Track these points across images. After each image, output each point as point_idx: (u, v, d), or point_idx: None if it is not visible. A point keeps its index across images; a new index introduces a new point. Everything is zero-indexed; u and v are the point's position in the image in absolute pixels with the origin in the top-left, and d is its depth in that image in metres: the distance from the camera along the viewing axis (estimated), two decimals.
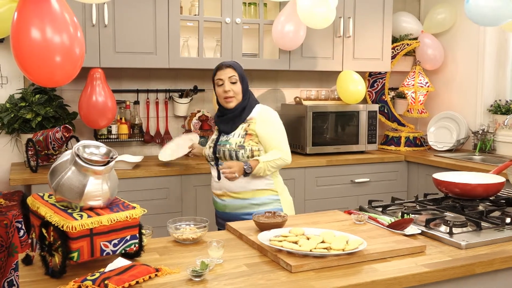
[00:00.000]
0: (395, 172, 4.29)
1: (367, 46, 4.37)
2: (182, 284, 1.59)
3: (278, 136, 2.75)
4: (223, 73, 2.74)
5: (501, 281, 1.89)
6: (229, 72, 2.74)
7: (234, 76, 2.74)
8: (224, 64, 2.78)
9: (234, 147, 2.70)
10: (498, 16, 3.23)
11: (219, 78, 2.75)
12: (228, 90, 2.72)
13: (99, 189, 1.68)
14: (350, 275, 1.66)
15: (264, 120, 2.74)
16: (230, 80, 2.73)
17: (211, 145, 2.81)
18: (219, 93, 2.76)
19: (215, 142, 2.80)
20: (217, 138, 2.80)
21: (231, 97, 2.73)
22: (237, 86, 2.74)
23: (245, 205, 2.72)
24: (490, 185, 2.45)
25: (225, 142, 2.74)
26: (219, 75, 2.76)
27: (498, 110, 4.37)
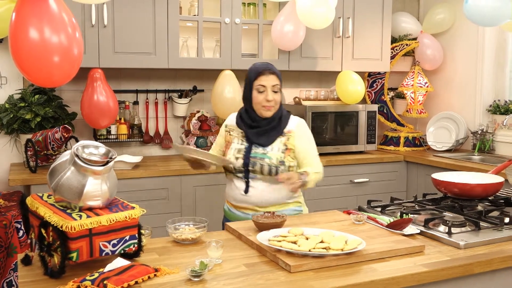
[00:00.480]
0: (394, 172, 4.29)
1: (366, 46, 4.37)
2: (181, 284, 1.59)
3: (315, 152, 2.61)
4: (266, 79, 2.50)
5: (499, 281, 1.89)
6: (273, 80, 2.52)
7: (277, 85, 2.53)
8: (268, 69, 2.53)
9: (275, 163, 2.48)
10: (497, 16, 3.23)
11: (262, 84, 2.50)
12: (271, 100, 2.49)
13: (98, 189, 1.68)
14: (349, 275, 1.67)
15: (302, 135, 2.58)
16: (273, 88, 2.51)
17: (238, 156, 2.53)
18: (259, 100, 2.50)
19: (246, 153, 2.53)
20: (248, 149, 2.54)
21: (272, 106, 2.51)
22: (278, 96, 2.53)
23: None
24: (489, 185, 2.45)
25: (263, 156, 2.49)
26: (261, 80, 2.51)
27: (497, 110, 4.37)
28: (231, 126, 2.66)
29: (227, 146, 2.63)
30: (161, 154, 4.17)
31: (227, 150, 2.60)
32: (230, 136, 2.64)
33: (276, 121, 2.55)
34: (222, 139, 2.70)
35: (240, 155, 2.54)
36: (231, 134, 2.64)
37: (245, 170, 2.52)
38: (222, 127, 2.73)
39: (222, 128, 2.72)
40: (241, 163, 2.52)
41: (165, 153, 4.19)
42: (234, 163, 2.53)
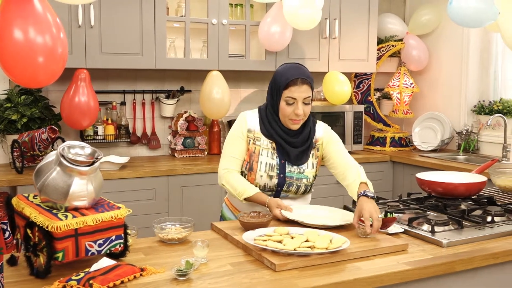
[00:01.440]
0: (380, 172, 4.33)
1: (352, 47, 4.40)
2: (167, 283, 1.60)
3: (346, 153, 2.44)
4: (298, 90, 2.24)
5: (480, 279, 1.92)
6: (305, 91, 2.25)
7: (309, 97, 2.27)
8: (301, 78, 2.24)
9: (311, 181, 2.39)
10: (481, 18, 3.27)
11: (292, 96, 2.24)
12: (301, 114, 2.26)
13: (84, 189, 1.69)
14: (333, 273, 1.69)
15: (330, 141, 2.42)
16: (305, 101, 2.26)
17: (272, 174, 2.31)
18: (286, 112, 2.26)
19: (280, 172, 2.32)
20: (283, 167, 2.33)
21: (300, 120, 2.29)
22: (308, 108, 2.30)
23: None
24: (472, 184, 2.48)
25: (300, 176, 2.34)
26: (292, 91, 2.24)
27: (481, 110, 4.43)
28: (256, 133, 2.35)
29: (251, 157, 2.34)
30: (149, 155, 4.17)
31: (255, 165, 2.32)
32: (255, 146, 2.34)
33: (306, 135, 2.35)
34: (243, 146, 2.35)
35: (273, 173, 2.31)
36: (256, 143, 2.34)
37: (278, 190, 2.34)
38: (241, 129, 2.36)
39: (242, 130, 2.36)
40: (275, 183, 2.32)
41: (153, 154, 4.19)
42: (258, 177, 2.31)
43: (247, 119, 2.38)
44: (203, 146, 4.13)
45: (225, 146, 2.41)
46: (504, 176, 2.78)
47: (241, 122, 2.38)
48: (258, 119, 2.37)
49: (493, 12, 3.23)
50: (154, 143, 4.15)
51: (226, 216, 2.53)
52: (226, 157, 2.37)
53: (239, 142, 2.35)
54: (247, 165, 2.34)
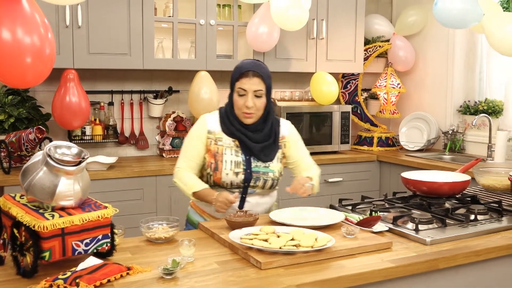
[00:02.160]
0: (367, 172, 4.37)
1: (340, 48, 4.44)
2: (153, 282, 1.61)
3: (307, 153, 2.56)
4: (248, 82, 2.28)
5: (463, 276, 1.95)
6: (256, 84, 2.29)
7: (260, 90, 2.30)
8: (252, 70, 2.29)
9: (277, 176, 2.43)
10: (465, 19, 3.32)
11: (242, 87, 2.30)
12: (251, 106, 2.30)
13: (71, 189, 1.70)
14: (318, 271, 1.71)
15: (296, 141, 2.50)
16: (256, 93, 2.30)
17: (238, 171, 2.34)
18: (238, 104, 2.32)
19: (247, 167, 2.35)
20: (248, 162, 2.36)
21: (252, 113, 2.32)
22: (260, 102, 2.32)
23: None
24: (456, 183, 2.52)
25: (266, 170, 2.38)
26: (243, 83, 2.29)
27: (467, 110, 4.48)
28: (217, 134, 2.38)
29: (215, 157, 2.35)
30: (137, 155, 4.18)
31: (220, 164, 2.34)
32: (218, 146, 2.36)
33: (268, 131, 2.38)
34: (200, 148, 2.38)
35: (239, 169, 2.34)
36: (218, 144, 2.37)
37: (245, 186, 2.36)
38: (199, 131, 2.40)
39: (201, 132, 2.39)
40: (241, 178, 2.34)
41: (141, 154, 4.20)
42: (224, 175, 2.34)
43: (207, 121, 2.41)
44: None
45: (183, 146, 2.46)
46: (487, 175, 2.82)
47: (201, 124, 2.41)
48: (218, 120, 2.41)
49: (477, 13, 3.28)
50: (142, 143, 4.15)
51: (194, 220, 2.49)
52: (182, 157, 2.43)
53: (196, 142, 2.39)
54: (212, 165, 2.36)
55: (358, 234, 2.01)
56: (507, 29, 3.23)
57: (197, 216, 2.49)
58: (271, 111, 2.41)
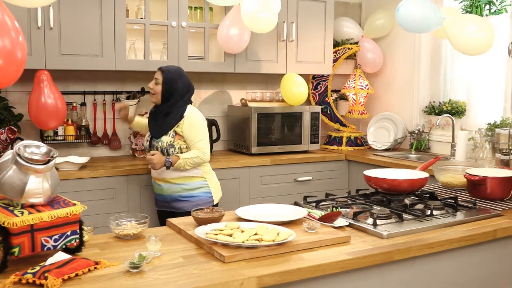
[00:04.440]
0: (336, 171, 4.48)
1: (309, 49, 4.54)
2: (120, 275, 1.68)
3: (199, 137, 3.25)
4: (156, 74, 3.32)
5: (418, 267, 2.07)
6: (157, 74, 3.30)
7: (157, 78, 3.28)
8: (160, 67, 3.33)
9: (165, 145, 3.25)
10: (427, 24, 3.46)
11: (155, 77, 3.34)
12: (151, 88, 3.30)
13: (40, 187, 1.76)
14: (278, 263, 1.80)
15: (190, 124, 3.25)
16: (155, 81, 3.28)
17: (148, 139, 3.38)
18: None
19: (149, 138, 3.37)
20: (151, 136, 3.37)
21: (152, 94, 3.31)
22: (157, 87, 3.27)
23: (178, 189, 3.27)
24: (415, 180, 2.64)
25: (158, 140, 3.29)
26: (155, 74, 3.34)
27: (432, 111, 4.63)
28: None
29: None
30: (110, 155, 4.22)
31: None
32: None
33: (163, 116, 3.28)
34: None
35: (147, 138, 3.43)
36: None
37: (149, 150, 3.38)
38: None
39: None
40: (147, 145, 3.40)
41: (114, 154, 4.24)
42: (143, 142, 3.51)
43: None
44: None
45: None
46: (446, 172, 2.95)
47: None
48: None
49: (438, 17, 3.43)
50: (115, 143, 4.20)
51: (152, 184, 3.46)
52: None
53: None
54: None
55: (319, 229, 2.11)
56: (468, 29, 3.36)
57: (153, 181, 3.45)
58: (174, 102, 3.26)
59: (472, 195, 2.74)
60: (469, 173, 2.73)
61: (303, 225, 2.13)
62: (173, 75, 3.29)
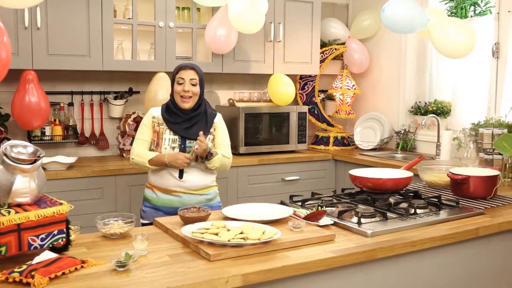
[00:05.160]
0: (323, 170, 4.52)
1: (297, 50, 4.58)
2: (107, 274, 1.70)
3: (228, 141, 3.03)
4: (185, 73, 2.88)
5: (401, 264, 2.10)
6: (191, 74, 2.88)
7: (195, 79, 2.88)
8: (187, 65, 2.92)
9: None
10: (412, 24, 3.50)
11: (181, 77, 2.87)
12: (188, 90, 2.85)
13: (27, 186, 1.77)
14: (263, 261, 1.82)
15: (222, 127, 3.01)
16: (191, 82, 2.87)
17: (174, 146, 2.88)
18: (177, 90, 2.87)
19: (181, 144, 2.87)
20: (183, 141, 2.88)
21: (189, 97, 2.86)
22: (196, 88, 2.88)
23: (201, 200, 2.91)
24: (399, 179, 2.68)
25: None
26: (181, 74, 2.88)
27: (418, 111, 4.68)
28: (159, 119, 2.93)
29: (159, 137, 2.90)
30: (97, 155, 4.23)
31: (160, 141, 2.89)
32: (159, 128, 2.92)
33: (201, 115, 2.91)
34: (150, 131, 2.94)
35: (175, 144, 2.88)
36: (160, 126, 2.92)
37: None
38: (147, 119, 2.95)
39: (148, 120, 2.95)
40: (177, 152, 2.86)
41: (101, 154, 4.24)
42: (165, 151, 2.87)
43: (152, 111, 2.99)
44: None
45: (136, 135, 2.99)
46: (430, 172, 3.00)
47: (148, 114, 3.00)
48: (160, 110, 2.96)
49: (423, 18, 3.47)
50: (102, 143, 4.20)
51: (146, 196, 2.98)
52: (135, 142, 2.97)
53: (146, 130, 2.95)
54: (154, 142, 2.92)
55: (304, 227, 2.14)
56: (449, 33, 3.41)
57: (150, 191, 2.96)
58: (204, 102, 2.95)
59: (455, 194, 2.78)
60: (453, 172, 2.78)
61: (289, 224, 2.16)
62: (202, 70, 2.98)
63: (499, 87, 3.99)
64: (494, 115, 3.96)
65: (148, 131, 2.94)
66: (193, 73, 2.89)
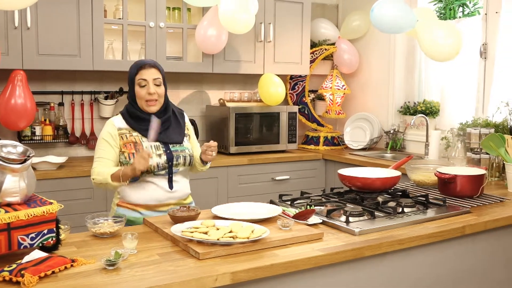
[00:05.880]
0: (313, 170, 4.54)
1: (287, 50, 4.60)
2: (97, 272, 1.71)
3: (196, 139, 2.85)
4: (147, 72, 2.53)
5: (388, 263, 2.13)
6: (154, 73, 2.54)
7: (159, 78, 2.55)
8: (148, 63, 2.56)
9: (191, 152, 2.67)
10: (400, 25, 3.54)
11: (142, 78, 2.52)
12: (153, 93, 2.52)
13: (17, 186, 1.78)
14: (252, 260, 1.84)
15: (190, 124, 2.80)
16: (155, 82, 2.53)
17: (160, 152, 2.53)
18: (141, 94, 2.52)
19: (166, 149, 2.56)
20: (167, 145, 2.57)
21: (155, 100, 2.54)
22: (161, 89, 2.55)
23: None
24: (387, 178, 2.71)
25: (183, 148, 2.62)
26: (142, 74, 2.52)
27: (407, 111, 4.72)
28: (127, 129, 2.57)
29: (135, 147, 2.53)
30: (88, 155, 4.22)
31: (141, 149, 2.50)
32: (134, 137, 2.55)
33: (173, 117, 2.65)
34: (114, 147, 2.54)
35: (160, 151, 2.54)
36: (132, 135, 2.56)
37: (169, 165, 2.55)
38: (109, 133, 2.55)
39: (112, 133, 2.55)
40: (165, 159, 2.53)
41: (92, 154, 4.22)
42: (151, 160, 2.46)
43: (114, 122, 2.60)
44: None
45: (95, 152, 2.61)
46: (418, 171, 3.03)
47: (109, 126, 2.59)
48: (122, 118, 2.60)
49: (411, 19, 3.51)
50: (93, 143, 4.20)
51: (131, 218, 2.54)
52: (95, 161, 2.56)
53: (105, 144, 2.55)
54: (135, 154, 2.50)
55: (293, 226, 2.16)
56: (436, 35, 3.45)
57: (127, 211, 2.56)
58: (169, 102, 2.67)
59: (442, 193, 2.82)
60: (440, 172, 2.81)
61: (278, 222, 2.18)
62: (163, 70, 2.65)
63: (487, 88, 4.03)
64: (482, 115, 4.00)
65: (111, 148, 2.53)
66: (155, 72, 2.55)
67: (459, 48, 3.46)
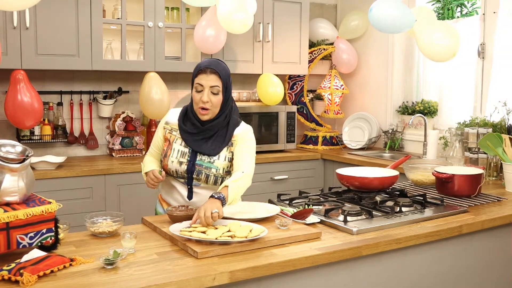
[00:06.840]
0: (312, 169, 4.55)
1: (285, 50, 4.61)
2: (95, 271, 1.72)
3: (248, 156, 2.43)
4: (205, 78, 2.34)
5: (385, 262, 2.14)
6: (212, 80, 2.34)
7: (217, 86, 2.34)
8: (210, 68, 2.34)
9: (221, 173, 2.41)
10: (399, 25, 3.55)
11: (199, 83, 2.35)
12: (207, 101, 2.34)
13: (15, 185, 1.78)
14: (250, 259, 1.85)
15: (244, 140, 2.44)
16: (212, 90, 2.34)
17: (182, 160, 2.41)
18: (196, 99, 2.37)
19: (191, 159, 2.40)
20: (193, 155, 2.41)
21: (207, 109, 2.36)
22: (217, 98, 2.35)
23: None
24: (385, 178, 2.72)
25: (209, 165, 2.39)
26: (200, 79, 2.35)
27: (405, 111, 4.73)
28: (173, 125, 2.50)
29: (168, 146, 2.47)
30: (86, 155, 4.23)
31: (169, 151, 2.45)
32: (171, 135, 2.48)
33: (221, 129, 2.42)
34: (159, 137, 2.53)
35: (184, 159, 2.41)
36: (172, 133, 2.49)
37: (188, 177, 2.42)
38: (161, 122, 2.54)
39: (161, 124, 2.54)
40: (184, 169, 2.40)
41: (90, 154, 4.25)
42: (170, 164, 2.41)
43: (169, 113, 2.57)
44: (141, 145, 4.23)
45: None
46: (416, 171, 3.04)
47: (164, 117, 2.59)
48: (178, 113, 2.51)
49: (409, 19, 3.51)
50: (92, 143, 4.21)
51: (158, 212, 2.66)
52: (149, 151, 2.65)
53: (157, 136, 2.58)
54: (163, 152, 2.51)
55: (291, 225, 2.17)
56: (434, 36, 3.46)
57: (161, 208, 2.62)
58: (228, 111, 2.43)
59: (440, 192, 2.83)
60: (438, 171, 2.82)
61: (276, 222, 2.19)
62: (228, 71, 2.42)
63: (485, 87, 4.04)
64: (480, 114, 4.01)
65: (158, 138, 2.54)
66: (215, 79, 2.34)
67: (457, 49, 3.47)
